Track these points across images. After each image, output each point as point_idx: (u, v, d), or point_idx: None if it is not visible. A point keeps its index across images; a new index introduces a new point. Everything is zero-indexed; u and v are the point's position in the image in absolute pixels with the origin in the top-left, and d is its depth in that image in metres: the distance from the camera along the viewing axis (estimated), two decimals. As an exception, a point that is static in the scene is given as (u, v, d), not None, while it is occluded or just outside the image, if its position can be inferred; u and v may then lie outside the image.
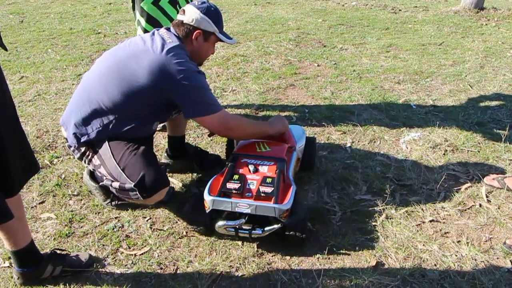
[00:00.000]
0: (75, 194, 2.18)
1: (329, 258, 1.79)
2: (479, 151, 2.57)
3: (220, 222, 1.78)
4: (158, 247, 1.84)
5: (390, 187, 2.22)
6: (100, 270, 1.72)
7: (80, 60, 4.09)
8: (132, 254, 1.81)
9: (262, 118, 2.95)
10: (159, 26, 2.10)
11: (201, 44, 1.94)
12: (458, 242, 1.88)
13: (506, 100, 3.28)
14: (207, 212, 1.80)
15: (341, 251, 1.82)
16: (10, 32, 5.07)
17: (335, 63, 4.03)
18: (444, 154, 2.55)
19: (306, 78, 3.68)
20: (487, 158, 2.50)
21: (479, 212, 2.07)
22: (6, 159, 1.36)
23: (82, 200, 2.14)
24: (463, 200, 2.14)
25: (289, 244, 1.82)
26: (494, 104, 3.23)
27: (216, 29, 1.92)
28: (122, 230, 1.94)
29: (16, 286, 1.64)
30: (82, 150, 1.93)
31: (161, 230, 1.94)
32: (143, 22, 2.50)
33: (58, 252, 1.70)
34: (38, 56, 4.23)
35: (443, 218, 2.03)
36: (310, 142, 2.32)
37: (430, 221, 2.00)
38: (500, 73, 3.80)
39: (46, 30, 5.14)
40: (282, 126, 2.12)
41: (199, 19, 1.88)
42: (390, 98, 3.30)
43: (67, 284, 1.65)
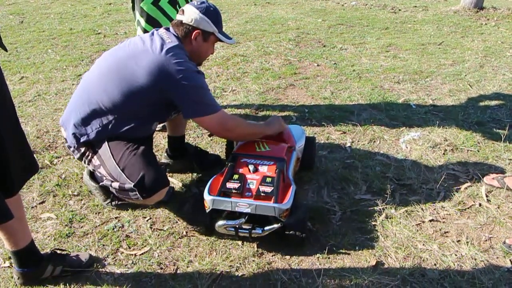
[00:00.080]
0: (75, 194, 2.18)
1: (329, 258, 1.79)
2: (479, 151, 2.57)
3: (220, 222, 1.78)
4: (158, 247, 1.84)
5: (390, 187, 2.22)
6: (100, 270, 1.72)
7: (80, 60, 4.10)
8: (132, 254, 1.81)
9: (262, 118, 2.95)
10: (159, 26, 2.10)
11: (200, 44, 1.94)
12: (458, 241, 1.88)
13: (505, 99, 3.28)
14: (207, 211, 1.80)
15: (341, 251, 1.82)
16: (10, 32, 5.07)
17: (335, 63, 4.03)
18: (443, 154, 2.55)
19: (306, 78, 3.69)
20: (487, 158, 2.50)
21: (479, 211, 2.07)
22: (6, 159, 1.36)
23: (82, 200, 2.14)
24: (463, 199, 2.15)
25: (289, 243, 1.82)
26: (494, 103, 3.23)
27: (215, 29, 1.92)
28: (122, 230, 1.95)
29: (16, 286, 1.64)
30: (82, 151, 1.94)
31: (161, 230, 1.94)
32: (143, 22, 2.50)
33: (58, 252, 1.70)
34: (38, 56, 4.23)
35: (443, 218, 2.03)
36: (310, 141, 2.32)
37: (430, 220, 2.01)
38: (499, 72, 3.80)
39: (46, 30, 5.15)
40: (279, 126, 2.13)
41: (198, 19, 1.88)
42: (389, 97, 3.30)
43: (67, 284, 1.65)
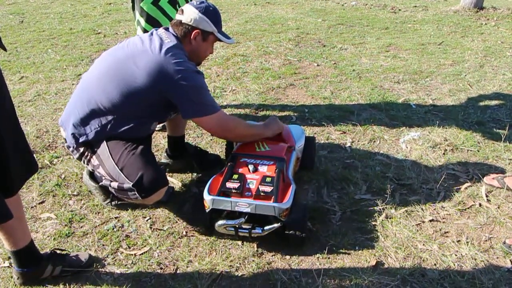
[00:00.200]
0: (75, 194, 2.18)
1: (329, 258, 1.79)
2: (479, 151, 2.57)
3: (220, 222, 1.78)
4: (158, 247, 1.84)
5: (390, 187, 2.22)
6: (100, 270, 1.72)
7: (80, 60, 4.09)
8: (132, 254, 1.81)
9: (261, 118, 2.95)
10: (159, 26, 2.10)
11: (199, 44, 1.93)
12: (458, 241, 1.88)
13: (505, 99, 3.27)
14: (207, 211, 1.80)
15: (341, 251, 1.82)
16: (10, 32, 5.07)
17: (335, 63, 4.03)
18: (443, 154, 2.55)
19: (306, 77, 3.68)
20: (487, 158, 2.50)
21: (479, 211, 2.07)
22: (5, 159, 1.36)
23: (82, 200, 2.14)
24: (463, 199, 2.14)
25: (289, 243, 1.82)
26: (494, 103, 3.23)
27: (214, 29, 1.92)
28: (122, 230, 1.94)
29: (16, 286, 1.64)
30: (81, 151, 1.93)
31: (161, 230, 1.94)
32: (143, 22, 2.50)
33: (58, 252, 1.70)
34: (38, 56, 4.23)
35: (443, 218, 2.03)
36: (310, 141, 2.32)
37: (430, 220, 2.00)
38: (499, 72, 3.80)
39: (46, 30, 5.14)
40: (278, 128, 2.12)
41: (198, 19, 1.88)
42: (389, 97, 3.30)
43: (67, 284, 1.65)
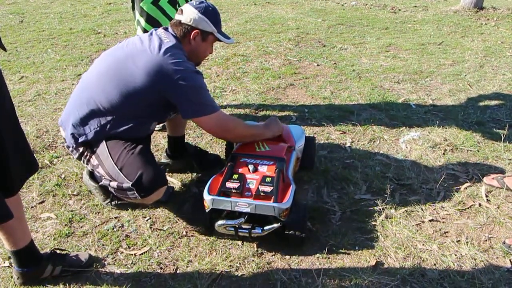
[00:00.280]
0: (75, 194, 2.18)
1: (328, 258, 1.79)
2: (479, 151, 2.57)
3: (219, 222, 1.78)
4: (158, 247, 1.84)
5: (390, 187, 2.22)
6: (100, 270, 1.72)
7: (80, 60, 4.09)
8: (132, 254, 1.81)
9: (261, 118, 2.95)
10: (159, 26, 2.10)
11: (199, 44, 1.93)
12: (458, 241, 1.88)
13: (505, 99, 3.28)
14: (207, 211, 1.80)
15: (340, 251, 1.82)
16: (10, 32, 5.07)
17: (335, 63, 4.03)
18: (443, 154, 2.55)
19: (306, 77, 3.68)
20: (487, 158, 2.50)
21: (479, 211, 2.07)
22: (5, 159, 1.36)
23: (82, 200, 2.14)
24: (463, 199, 2.15)
25: (288, 243, 1.82)
26: (494, 103, 3.23)
27: (214, 29, 1.91)
28: (122, 230, 1.94)
29: (16, 286, 1.64)
30: (80, 150, 1.93)
31: (161, 230, 1.94)
32: (143, 22, 2.50)
33: (58, 252, 1.70)
34: (38, 56, 4.23)
35: (443, 218, 2.03)
36: (310, 141, 2.32)
37: (430, 220, 2.00)
38: (499, 72, 3.80)
39: (46, 30, 5.14)
40: (278, 129, 2.12)
41: (197, 19, 1.87)
42: (389, 97, 3.30)
43: (67, 284, 1.65)
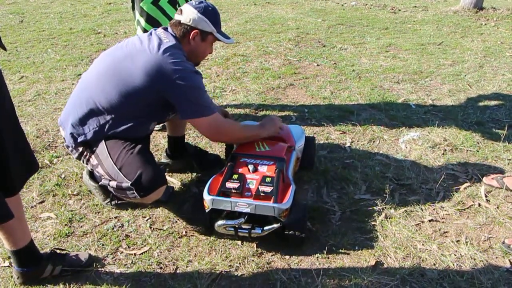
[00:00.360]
0: (75, 193, 2.18)
1: (328, 258, 1.79)
2: (478, 151, 2.57)
3: (219, 222, 1.78)
4: (157, 247, 1.85)
5: (390, 187, 2.22)
6: (99, 269, 1.72)
7: (80, 60, 4.10)
8: (131, 254, 1.81)
9: (261, 118, 2.94)
10: (159, 26, 2.10)
11: (198, 44, 1.93)
12: (457, 241, 1.88)
13: (505, 99, 3.28)
14: (207, 211, 1.80)
15: (340, 251, 1.82)
16: (10, 32, 5.07)
17: (335, 63, 4.03)
18: (443, 154, 2.55)
19: (306, 77, 3.69)
20: (486, 158, 2.50)
21: (478, 211, 2.07)
22: (6, 159, 1.36)
23: (82, 199, 2.14)
24: (462, 199, 2.15)
25: (288, 243, 1.82)
26: (493, 103, 3.23)
27: (213, 29, 1.91)
28: (122, 229, 1.95)
29: (16, 285, 1.64)
30: (80, 150, 1.93)
31: (160, 230, 1.94)
32: (143, 22, 2.51)
33: (58, 251, 1.70)
34: (38, 56, 4.23)
35: (442, 218, 2.03)
36: (310, 141, 2.32)
37: (429, 220, 2.01)
38: (499, 72, 3.80)
39: (46, 30, 5.15)
40: (274, 128, 2.10)
41: (197, 19, 1.87)
42: (389, 97, 3.31)
43: (67, 283, 1.65)
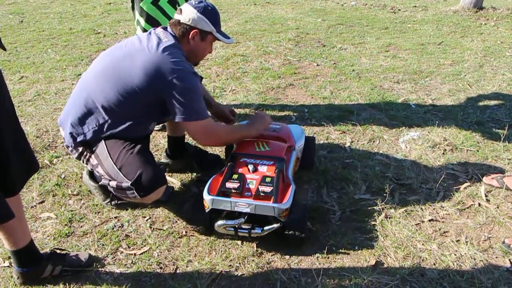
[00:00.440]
0: (75, 193, 2.18)
1: (328, 258, 1.79)
2: (478, 151, 2.57)
3: (219, 222, 1.78)
4: (157, 247, 1.85)
5: (390, 187, 2.22)
6: (99, 269, 1.72)
7: (80, 60, 4.10)
8: (131, 254, 1.81)
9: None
10: (158, 26, 2.10)
11: (198, 43, 1.93)
12: (457, 241, 1.88)
13: (505, 99, 3.28)
14: (207, 211, 1.80)
15: (340, 251, 1.82)
16: (10, 32, 5.07)
17: (335, 63, 4.03)
18: (443, 154, 2.55)
19: (306, 77, 3.69)
20: (486, 158, 2.50)
21: (478, 211, 2.07)
22: (6, 159, 1.36)
23: (81, 199, 2.14)
24: (462, 199, 2.15)
25: (288, 243, 1.82)
26: (493, 103, 3.23)
27: (213, 28, 1.91)
28: (122, 229, 1.95)
29: (16, 285, 1.64)
30: (80, 150, 1.93)
31: (160, 230, 1.94)
32: (143, 22, 2.51)
33: (58, 251, 1.70)
34: (38, 56, 4.23)
35: (442, 218, 2.03)
36: (310, 141, 2.32)
37: (429, 220, 2.01)
38: (499, 72, 3.80)
39: (46, 30, 5.14)
40: (262, 125, 2.11)
41: (196, 19, 1.87)
42: (389, 97, 3.31)
43: (67, 283, 1.65)
